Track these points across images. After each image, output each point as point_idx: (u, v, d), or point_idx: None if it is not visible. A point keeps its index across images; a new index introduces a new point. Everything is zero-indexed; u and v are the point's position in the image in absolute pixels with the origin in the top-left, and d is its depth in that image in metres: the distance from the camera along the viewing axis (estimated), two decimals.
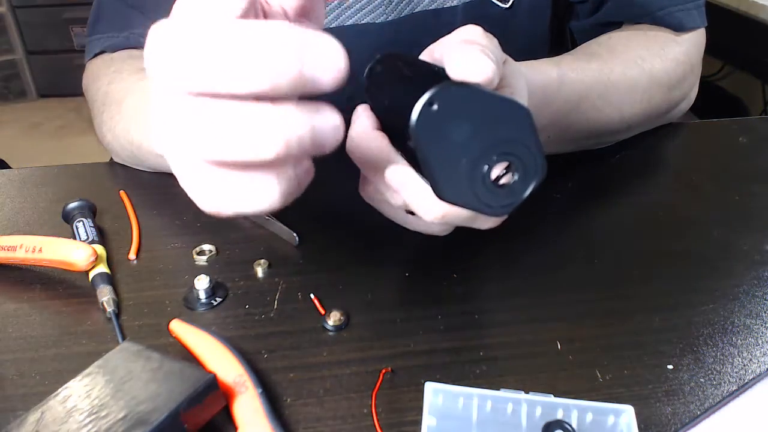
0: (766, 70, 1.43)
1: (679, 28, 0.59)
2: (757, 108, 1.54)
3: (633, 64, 0.55)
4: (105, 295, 0.41)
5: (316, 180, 0.33)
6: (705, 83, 0.64)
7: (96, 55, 0.63)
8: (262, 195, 0.28)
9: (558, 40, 0.69)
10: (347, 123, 0.29)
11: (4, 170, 0.61)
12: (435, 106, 0.29)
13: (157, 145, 0.29)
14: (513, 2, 0.62)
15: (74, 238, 0.46)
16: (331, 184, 0.55)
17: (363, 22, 0.62)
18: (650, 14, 0.59)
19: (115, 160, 0.59)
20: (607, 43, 0.58)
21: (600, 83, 0.52)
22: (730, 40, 1.36)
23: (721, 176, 0.54)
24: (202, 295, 0.41)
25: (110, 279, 0.43)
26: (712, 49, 0.65)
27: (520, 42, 0.62)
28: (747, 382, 0.35)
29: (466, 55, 0.31)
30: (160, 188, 0.54)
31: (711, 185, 0.53)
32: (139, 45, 0.61)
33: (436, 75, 0.32)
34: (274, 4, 0.30)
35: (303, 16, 0.31)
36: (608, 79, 0.53)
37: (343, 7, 0.61)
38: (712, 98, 1.55)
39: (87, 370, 0.33)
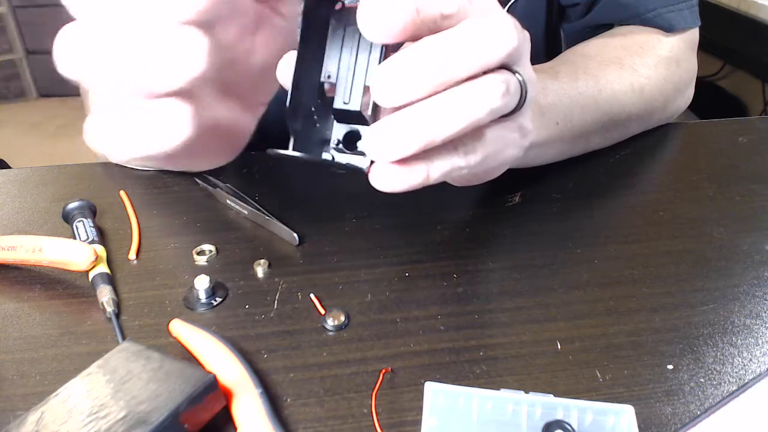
0: (766, 70, 1.43)
1: (669, 29, 0.59)
2: (757, 108, 1.55)
3: (610, 63, 0.55)
4: (105, 295, 0.41)
5: (316, 180, 0.33)
6: (705, 83, 0.65)
7: None
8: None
9: (552, 44, 0.70)
10: None
11: (4, 170, 0.61)
12: None
13: None
14: (508, 8, 0.62)
15: (74, 238, 0.46)
16: (331, 183, 0.55)
17: None
18: (640, 15, 0.60)
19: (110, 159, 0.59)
20: (582, 51, 0.58)
21: (583, 91, 0.52)
22: (730, 40, 1.36)
23: (721, 176, 0.54)
24: (202, 295, 0.41)
25: (110, 279, 0.43)
26: (712, 49, 0.66)
27: None
28: (747, 382, 0.35)
29: None
30: (160, 188, 0.54)
31: (711, 185, 0.53)
32: None
33: None
34: None
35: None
36: (595, 85, 0.53)
37: None
38: (712, 98, 1.55)
39: (87, 370, 0.33)
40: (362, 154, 0.31)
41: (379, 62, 0.30)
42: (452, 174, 0.32)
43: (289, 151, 0.30)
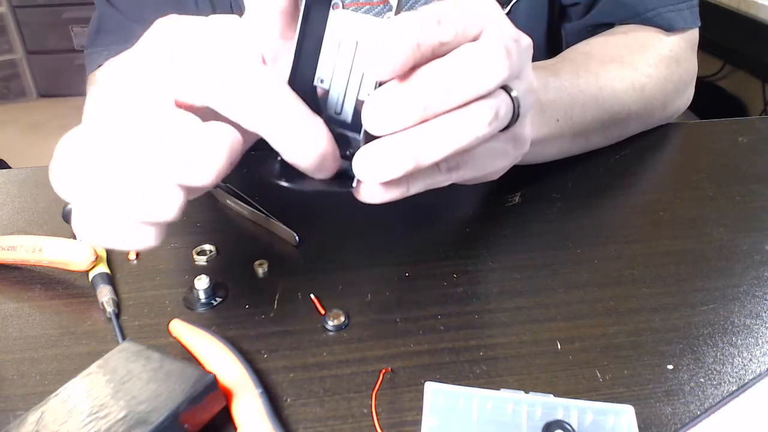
0: (766, 70, 1.43)
1: (669, 28, 0.59)
2: (757, 108, 1.54)
3: (611, 61, 0.55)
4: (105, 295, 0.41)
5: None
6: (705, 83, 0.65)
7: (99, 66, 0.63)
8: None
9: (554, 44, 0.70)
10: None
11: (4, 170, 0.61)
12: None
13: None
14: (511, 8, 0.62)
15: (74, 238, 0.46)
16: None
17: None
18: (640, 15, 0.60)
19: None
20: (583, 49, 0.58)
21: (584, 89, 0.52)
22: (730, 40, 1.36)
23: (721, 176, 0.54)
24: (202, 295, 0.41)
25: (110, 279, 0.43)
26: (712, 49, 0.66)
27: None
28: (747, 382, 0.35)
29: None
30: None
31: (711, 185, 0.53)
32: None
33: None
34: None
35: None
36: (596, 83, 0.53)
37: None
38: (712, 98, 1.55)
39: (87, 370, 0.33)
40: (350, 158, 0.31)
41: (375, 85, 0.30)
42: (432, 187, 0.33)
43: (275, 179, 0.31)
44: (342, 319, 0.40)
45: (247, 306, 0.41)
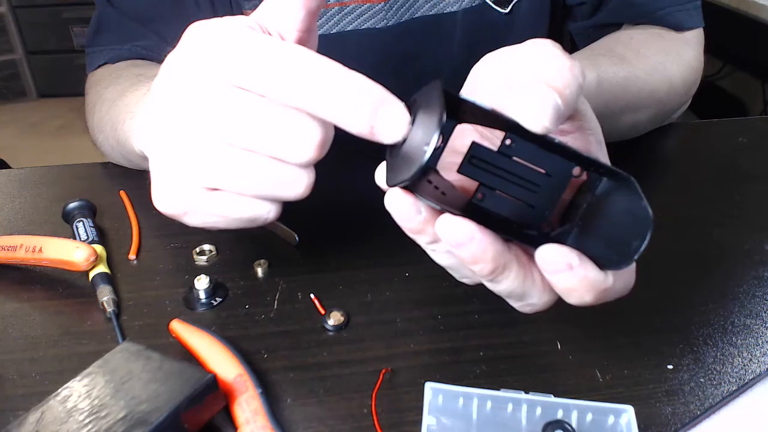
0: (766, 70, 1.43)
1: (678, 27, 0.60)
2: (757, 108, 1.54)
3: (655, 71, 0.56)
4: (105, 295, 0.41)
5: (316, 180, 0.33)
6: (705, 83, 0.65)
7: (99, 66, 0.63)
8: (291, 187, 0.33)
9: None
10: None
11: (4, 170, 0.61)
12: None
13: (141, 141, 0.32)
14: (512, 7, 0.62)
15: (74, 238, 0.46)
16: (331, 183, 0.55)
17: (363, 27, 0.62)
18: (650, 15, 0.60)
19: (108, 159, 0.59)
20: (631, 45, 0.58)
21: (628, 91, 0.53)
22: (730, 40, 1.36)
23: (721, 176, 0.54)
24: (202, 295, 0.41)
25: (110, 279, 0.43)
26: (712, 49, 0.66)
27: None
28: (747, 382, 0.35)
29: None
30: None
31: (711, 185, 0.53)
32: (141, 56, 0.61)
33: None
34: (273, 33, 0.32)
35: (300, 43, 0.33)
36: (635, 86, 0.54)
37: (343, 13, 0.61)
38: (712, 98, 1.55)
39: (87, 370, 0.33)
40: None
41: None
42: None
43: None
44: (342, 319, 0.40)
45: (247, 306, 0.41)
